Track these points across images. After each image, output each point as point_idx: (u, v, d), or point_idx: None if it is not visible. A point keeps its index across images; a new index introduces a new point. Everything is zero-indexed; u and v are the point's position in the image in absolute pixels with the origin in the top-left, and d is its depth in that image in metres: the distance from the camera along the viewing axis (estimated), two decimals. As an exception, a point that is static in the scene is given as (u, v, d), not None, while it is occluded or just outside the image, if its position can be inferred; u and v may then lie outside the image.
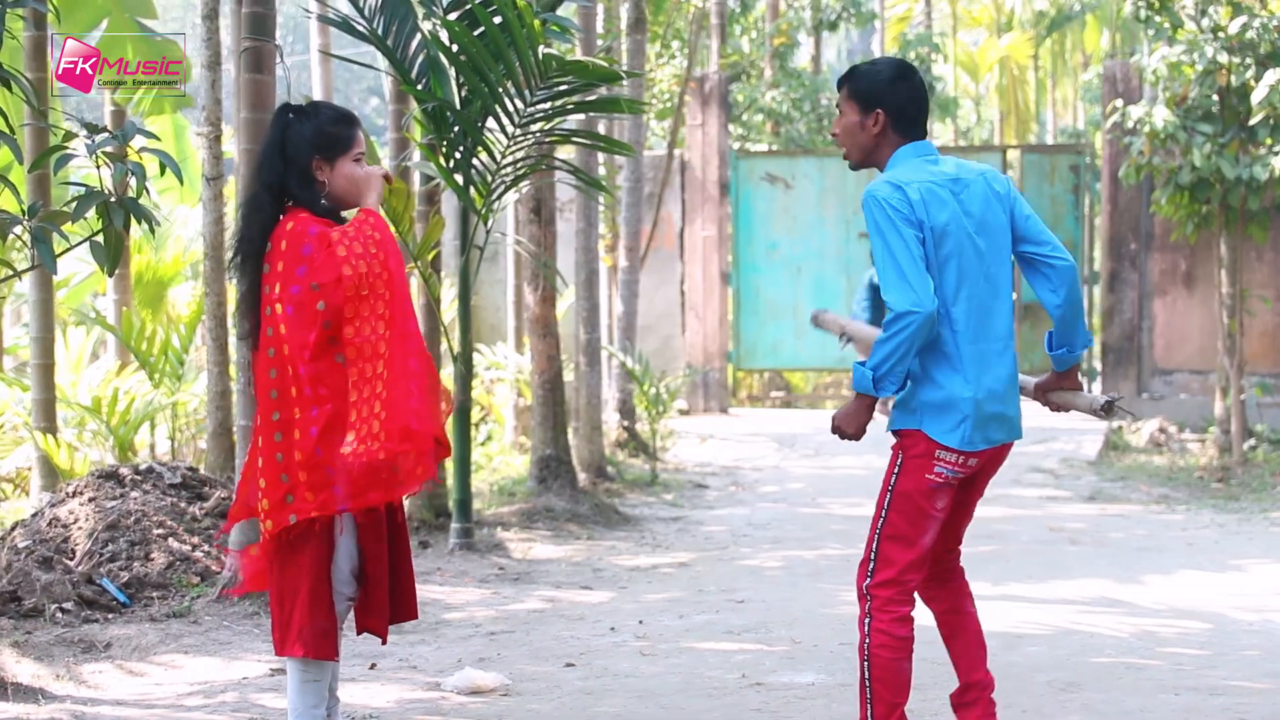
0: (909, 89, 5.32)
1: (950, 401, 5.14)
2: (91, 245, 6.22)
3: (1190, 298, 17.84)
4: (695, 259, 20.97)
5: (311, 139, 5.40)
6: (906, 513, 5.20)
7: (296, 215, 5.33)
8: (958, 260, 5.16)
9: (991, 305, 5.23)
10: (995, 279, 5.24)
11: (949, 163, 5.29)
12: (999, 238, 5.25)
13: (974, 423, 5.15)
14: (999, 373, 5.24)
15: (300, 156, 5.39)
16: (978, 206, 5.22)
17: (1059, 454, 16.48)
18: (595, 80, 10.35)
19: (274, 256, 5.28)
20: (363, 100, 54.53)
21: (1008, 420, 5.28)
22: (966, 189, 5.22)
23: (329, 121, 5.46)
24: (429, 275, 10.55)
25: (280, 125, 5.45)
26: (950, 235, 5.14)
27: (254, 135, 8.91)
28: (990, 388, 5.19)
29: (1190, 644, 7.88)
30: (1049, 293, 5.24)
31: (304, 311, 5.19)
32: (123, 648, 7.58)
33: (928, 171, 5.21)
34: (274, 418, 5.28)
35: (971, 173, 5.28)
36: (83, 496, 9.24)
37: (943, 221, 5.14)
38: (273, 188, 5.37)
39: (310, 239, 5.23)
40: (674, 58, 23.28)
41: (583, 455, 13.98)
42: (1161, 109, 14.93)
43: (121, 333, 13.75)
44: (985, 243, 5.21)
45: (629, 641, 7.96)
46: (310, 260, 5.20)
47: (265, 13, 9.00)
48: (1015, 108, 41.28)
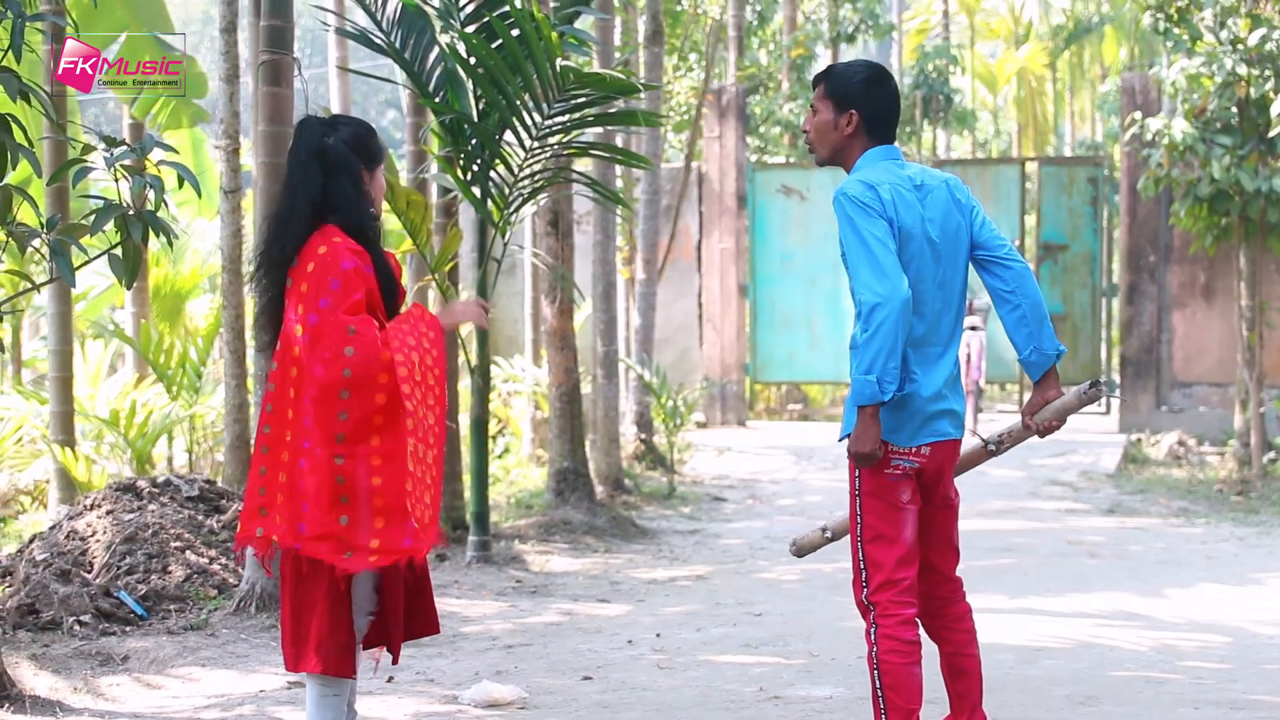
0: (884, 93, 5.35)
1: (899, 400, 5.13)
2: (110, 258, 6.22)
3: (1209, 310, 17.80)
4: (713, 271, 20.98)
5: (357, 149, 5.39)
6: (878, 511, 5.23)
7: (329, 237, 5.26)
8: (917, 264, 5.16)
9: (941, 309, 5.25)
10: (948, 284, 5.27)
11: (914, 168, 5.32)
12: (956, 245, 5.28)
13: (921, 419, 5.18)
14: (942, 372, 5.25)
15: (352, 166, 5.35)
16: (939, 212, 5.24)
17: (1078, 467, 16.45)
18: (612, 93, 10.36)
19: (299, 274, 5.23)
20: (380, 113, 54.67)
21: (955, 415, 5.31)
22: (930, 194, 5.24)
23: (365, 132, 5.47)
24: (446, 288, 10.55)
25: (316, 136, 5.37)
26: (913, 238, 5.16)
27: (272, 148, 8.92)
28: (935, 386, 5.21)
29: (1210, 658, 7.84)
30: (1002, 289, 5.26)
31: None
32: (140, 660, 7.58)
33: (895, 174, 5.23)
34: (264, 430, 5.29)
35: (935, 179, 5.30)
36: (100, 509, 9.24)
37: (908, 224, 5.14)
38: (315, 199, 5.33)
39: (339, 274, 5.20)
40: (691, 70, 23.31)
41: (600, 468, 13.97)
42: (1180, 121, 14.91)
43: (139, 345, 13.78)
44: (943, 248, 5.23)
45: (646, 654, 7.94)
46: (334, 297, 5.17)
47: (283, 26, 9.01)
48: (1033, 120, 41.29)
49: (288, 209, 5.34)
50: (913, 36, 39.19)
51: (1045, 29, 40.11)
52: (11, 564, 8.92)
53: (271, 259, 5.32)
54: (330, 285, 5.14)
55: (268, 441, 5.27)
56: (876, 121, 5.32)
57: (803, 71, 25.29)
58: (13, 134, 6.14)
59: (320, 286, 5.15)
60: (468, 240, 12.66)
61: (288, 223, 5.31)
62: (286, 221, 5.31)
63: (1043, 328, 5.27)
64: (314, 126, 5.41)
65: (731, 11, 22.71)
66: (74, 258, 6.15)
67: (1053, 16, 39.56)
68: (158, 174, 6.16)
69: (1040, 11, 39.67)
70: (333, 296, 5.13)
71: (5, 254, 6.74)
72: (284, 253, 5.27)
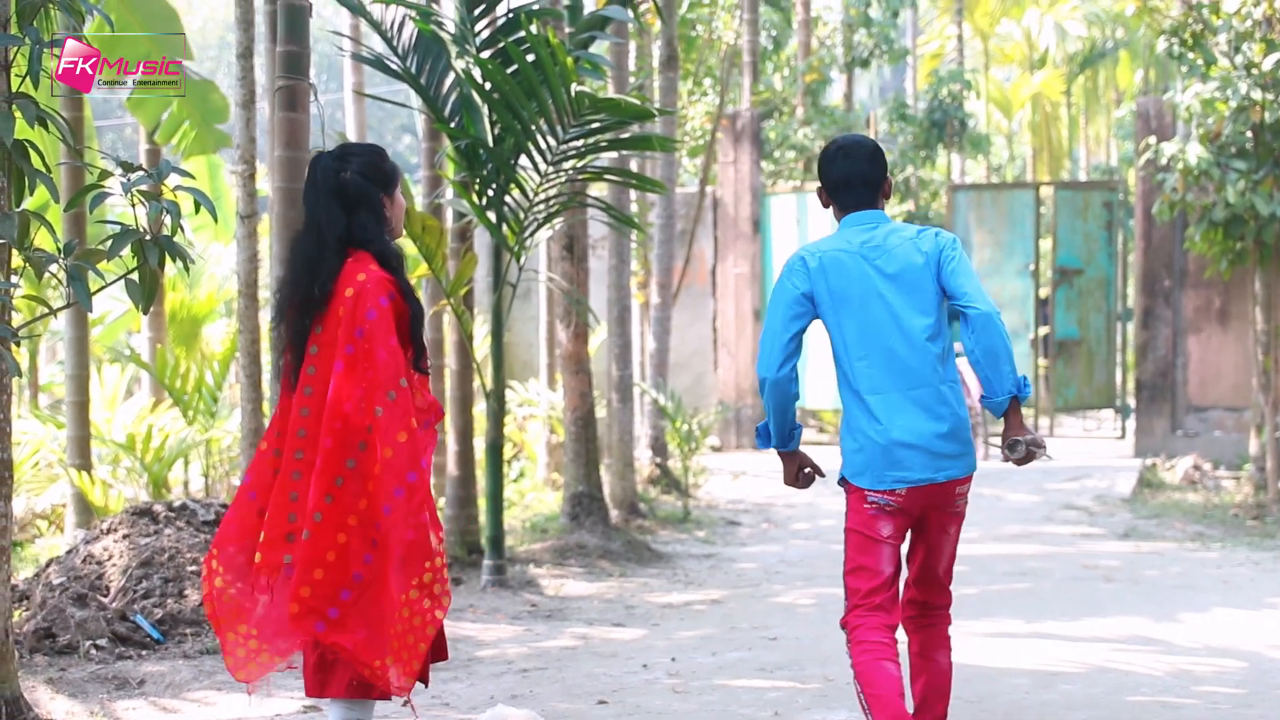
0: (839, 166, 5.75)
1: (859, 447, 5.59)
2: (126, 283, 6.24)
3: (1224, 334, 17.78)
4: (727, 295, 20.98)
5: (373, 177, 5.41)
6: (857, 545, 5.64)
7: (365, 265, 5.31)
8: (860, 317, 5.58)
9: (905, 354, 5.57)
10: (909, 330, 5.58)
11: (881, 231, 5.66)
12: (919, 293, 5.59)
13: (884, 464, 5.54)
14: (913, 415, 5.55)
15: (372, 198, 5.39)
16: (895, 266, 5.59)
17: (1093, 491, 16.41)
18: (627, 118, 10.38)
19: (336, 301, 5.28)
20: (396, 138, 54.79)
21: (935, 457, 5.56)
22: (886, 254, 5.60)
23: (377, 158, 5.48)
24: (461, 312, 10.57)
25: (331, 173, 5.38)
26: (851, 297, 5.58)
27: (289, 173, 8.95)
28: (902, 431, 5.53)
29: (1226, 683, 7.82)
30: (966, 338, 5.53)
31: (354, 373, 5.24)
32: (156, 684, 7.59)
33: (848, 241, 5.66)
34: (296, 456, 5.29)
35: (898, 238, 5.64)
36: (117, 533, 9.26)
37: (838, 286, 5.58)
38: (342, 237, 5.33)
39: (377, 306, 5.22)
40: (706, 95, 23.34)
41: (615, 492, 13.97)
42: (1195, 145, 14.90)
43: (156, 370, 13.81)
44: (901, 299, 5.58)
45: (661, 679, 7.94)
46: (371, 326, 5.21)
47: (300, 52, 9.06)
48: (1048, 144, 41.26)
49: (316, 248, 5.35)
50: (927, 61, 39.21)
51: (1061, 53, 40.08)
52: (28, 588, 8.94)
53: (310, 299, 5.31)
54: (367, 315, 5.20)
55: (300, 468, 5.27)
56: (837, 192, 5.76)
57: (817, 96, 25.32)
58: (30, 159, 6.17)
59: (358, 315, 5.21)
60: (483, 265, 12.70)
61: (319, 262, 5.32)
62: (318, 261, 5.32)
63: (997, 370, 5.50)
64: (327, 164, 5.41)
65: (746, 36, 22.73)
66: (91, 283, 6.17)
67: (1068, 41, 39.52)
68: (174, 199, 6.19)
69: (1056, 38, 39.63)
70: (369, 327, 5.19)
71: (23, 279, 6.77)
72: (322, 291, 5.29)
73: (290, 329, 5.39)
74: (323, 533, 5.15)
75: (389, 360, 5.20)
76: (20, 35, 6.10)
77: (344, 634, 5.14)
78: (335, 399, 5.16)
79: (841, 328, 5.59)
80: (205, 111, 13.25)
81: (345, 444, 5.15)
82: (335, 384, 5.17)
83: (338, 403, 5.16)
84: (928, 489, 5.55)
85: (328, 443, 5.15)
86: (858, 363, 5.58)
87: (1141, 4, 16.77)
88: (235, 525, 5.39)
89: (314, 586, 5.14)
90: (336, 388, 5.17)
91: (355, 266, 5.29)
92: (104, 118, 47.10)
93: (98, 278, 6.31)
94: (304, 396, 5.28)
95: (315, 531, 5.14)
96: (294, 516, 5.23)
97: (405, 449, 5.15)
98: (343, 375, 5.17)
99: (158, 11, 12.26)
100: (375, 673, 5.14)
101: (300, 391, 5.29)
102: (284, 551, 5.22)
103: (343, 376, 5.17)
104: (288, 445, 5.29)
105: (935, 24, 41.80)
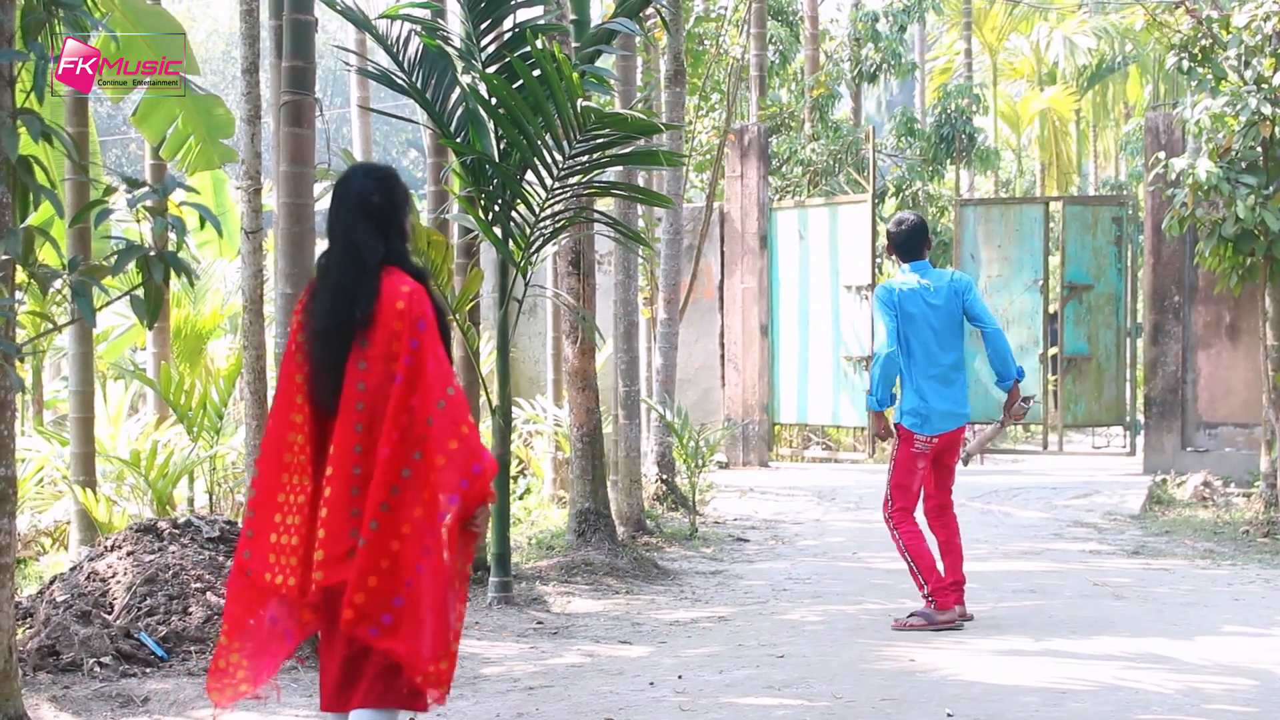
0: (900, 232, 9.80)
1: (914, 408, 9.63)
2: (131, 299, 6.22)
3: (1234, 350, 17.72)
4: (734, 311, 20.93)
5: (399, 202, 5.47)
6: (902, 469, 9.70)
7: (402, 278, 5.34)
8: (918, 328, 9.62)
9: (939, 354, 9.66)
10: (944, 339, 9.67)
11: (932, 274, 9.71)
12: (951, 318, 9.69)
13: (932, 419, 9.64)
14: (945, 390, 9.68)
15: (400, 220, 5.46)
16: (940, 300, 9.64)
17: (1102, 508, 16.34)
18: (634, 132, 10.35)
19: (383, 316, 5.27)
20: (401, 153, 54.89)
21: (956, 415, 9.72)
22: (936, 292, 9.64)
23: (396, 179, 5.53)
24: (467, 328, 10.54)
25: (366, 194, 5.40)
26: (915, 318, 9.60)
27: (294, 189, 8.92)
28: (939, 399, 9.65)
29: (1237, 701, 7.77)
30: (984, 344, 9.68)
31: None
32: (160, 702, 7.56)
33: (911, 281, 9.69)
34: (354, 471, 5.26)
35: (942, 279, 9.70)
36: (121, 550, 9.23)
37: (910, 309, 9.60)
38: (381, 263, 5.35)
39: (427, 318, 5.29)
40: (713, 110, 23.31)
41: (621, 509, 13.93)
42: (1204, 161, 14.85)
43: (160, 386, 13.78)
44: (939, 320, 9.65)
45: (668, 696, 7.89)
46: (423, 338, 5.24)
47: (305, 67, 9.04)
48: (1057, 159, 41.26)
49: (354, 271, 5.34)
50: (936, 76, 39.21)
51: (1070, 68, 40.06)
52: (32, 605, 8.91)
53: (354, 321, 5.29)
54: (419, 326, 5.25)
55: (359, 483, 5.23)
56: (900, 249, 9.81)
57: (825, 111, 25.28)
58: (35, 175, 6.15)
59: (412, 327, 5.25)
60: (489, 280, 12.66)
61: (358, 286, 5.31)
62: (356, 284, 5.31)
63: (1004, 364, 9.67)
64: (360, 186, 5.44)
65: (753, 51, 22.73)
66: (95, 298, 6.15)
67: (1077, 56, 39.49)
68: (179, 215, 6.16)
69: (1065, 52, 39.60)
70: (422, 338, 5.24)
71: (27, 295, 6.74)
72: (364, 313, 5.28)
73: (327, 353, 5.33)
74: (378, 540, 5.15)
75: (438, 368, 5.24)
76: (25, 50, 6.08)
77: (397, 640, 5.16)
78: (395, 410, 5.18)
79: (908, 336, 9.57)
80: (210, 126, 13.22)
81: (401, 453, 5.17)
82: (395, 395, 5.19)
83: (397, 414, 5.18)
84: (947, 435, 9.72)
85: (384, 452, 5.17)
86: (914, 355, 9.57)
87: (1151, 19, 16.75)
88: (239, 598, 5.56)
89: (368, 594, 5.14)
90: (396, 399, 5.19)
91: (393, 280, 5.32)
92: (108, 133, 47.23)
93: (102, 294, 6.29)
94: (356, 412, 5.25)
95: (371, 539, 5.14)
96: (355, 532, 5.21)
97: (458, 455, 5.18)
98: (401, 386, 5.19)
99: (162, 26, 12.23)
100: (429, 677, 5.18)
101: (351, 407, 5.24)
102: (348, 569, 5.19)
103: (401, 387, 5.19)
104: (340, 464, 5.25)
105: (944, 39, 41.76)
